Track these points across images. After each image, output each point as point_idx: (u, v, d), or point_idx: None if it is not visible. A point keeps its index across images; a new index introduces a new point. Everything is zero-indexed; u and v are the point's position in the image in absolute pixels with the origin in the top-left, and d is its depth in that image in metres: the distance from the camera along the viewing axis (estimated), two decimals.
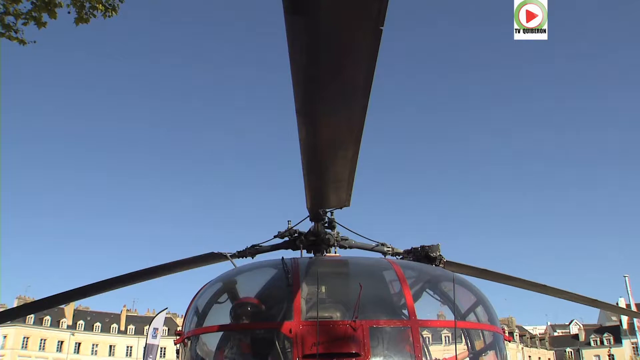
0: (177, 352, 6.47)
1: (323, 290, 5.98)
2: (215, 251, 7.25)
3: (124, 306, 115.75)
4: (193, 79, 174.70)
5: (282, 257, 6.25)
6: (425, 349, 5.89)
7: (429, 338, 6.17)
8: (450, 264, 7.24)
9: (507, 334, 6.61)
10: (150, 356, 23.59)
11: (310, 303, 5.61)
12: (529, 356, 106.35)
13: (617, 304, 19.57)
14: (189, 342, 6.19)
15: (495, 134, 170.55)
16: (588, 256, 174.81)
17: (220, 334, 6.16)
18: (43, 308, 8.64)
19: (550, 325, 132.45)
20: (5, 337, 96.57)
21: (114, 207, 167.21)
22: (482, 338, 6.43)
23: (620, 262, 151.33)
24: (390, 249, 7.41)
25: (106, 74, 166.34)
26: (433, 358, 6.12)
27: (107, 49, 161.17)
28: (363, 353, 5.18)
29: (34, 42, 9.96)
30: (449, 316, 5.97)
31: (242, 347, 5.93)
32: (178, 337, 6.44)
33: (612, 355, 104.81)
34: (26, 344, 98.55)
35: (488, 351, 6.35)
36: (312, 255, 7.08)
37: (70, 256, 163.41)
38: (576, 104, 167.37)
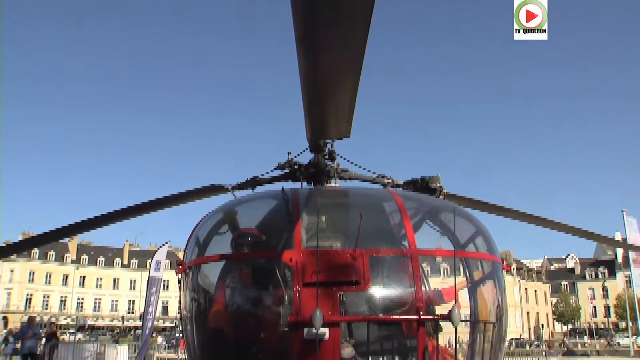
0: (179, 282, 6.57)
1: (323, 219, 6.00)
2: (216, 183, 7.26)
3: (127, 240, 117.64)
4: (194, 9, 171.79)
5: (282, 187, 6.27)
6: (425, 277, 5.98)
7: (428, 267, 6.25)
8: (450, 196, 7.26)
9: (505, 265, 6.69)
10: (154, 288, 23.99)
11: (310, 232, 5.63)
12: (526, 289, 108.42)
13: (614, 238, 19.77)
14: (190, 272, 6.27)
15: (495, 68, 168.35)
16: (586, 191, 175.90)
17: (220, 263, 6.23)
18: (47, 241, 8.73)
19: (547, 259, 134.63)
20: (12, 271, 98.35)
21: (114, 142, 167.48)
22: (481, 268, 6.50)
23: (619, 198, 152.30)
24: (390, 181, 7.41)
25: None
26: (432, 287, 6.23)
27: None
28: (363, 281, 5.24)
29: None
30: (449, 246, 6.03)
31: (243, 276, 6.00)
32: (179, 268, 6.54)
33: (606, 288, 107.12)
34: (32, 278, 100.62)
35: (487, 281, 6.44)
36: (312, 187, 7.09)
37: (73, 192, 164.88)
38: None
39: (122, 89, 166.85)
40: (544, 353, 26.64)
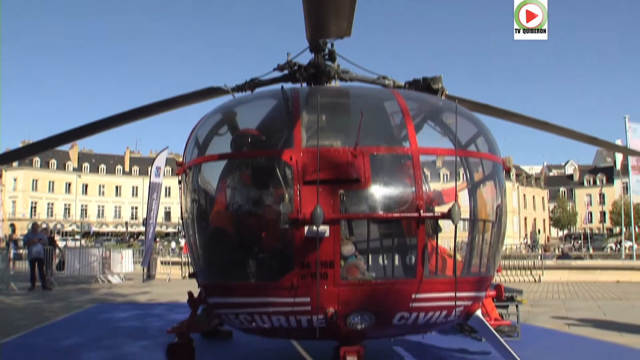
0: (179, 182, 6.61)
1: (324, 118, 5.94)
2: (215, 86, 7.16)
3: (127, 148, 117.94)
4: None
5: (282, 86, 6.18)
6: (425, 176, 6.00)
7: (429, 165, 6.26)
8: (451, 98, 7.17)
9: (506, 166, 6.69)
10: (155, 194, 24.25)
11: (310, 131, 5.59)
12: (524, 195, 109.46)
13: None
14: (190, 172, 6.28)
15: None
16: (586, 100, 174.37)
17: (220, 162, 6.24)
18: (47, 148, 8.68)
19: (546, 165, 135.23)
20: (15, 179, 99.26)
21: (114, 48, 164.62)
22: (482, 167, 6.51)
23: (619, 107, 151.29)
24: (391, 82, 7.29)
25: None
26: (433, 186, 6.27)
27: None
28: (363, 179, 5.26)
29: None
30: (450, 145, 6.01)
31: (243, 175, 6.01)
32: (179, 168, 6.56)
33: (603, 194, 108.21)
34: (36, 187, 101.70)
35: (488, 180, 6.46)
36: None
37: (72, 101, 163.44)
38: None
39: None
40: (539, 257, 27.25)
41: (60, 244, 31.26)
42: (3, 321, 12.13)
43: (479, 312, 6.13)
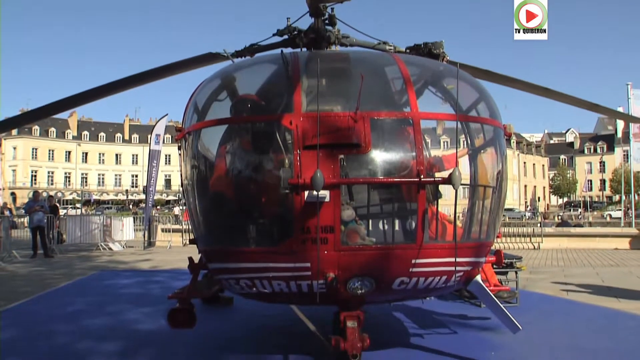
0: (179, 148, 6.58)
1: (324, 82, 5.87)
2: (214, 51, 7.08)
3: (127, 116, 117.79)
4: None
5: (282, 50, 6.10)
6: (426, 141, 5.95)
7: (430, 130, 6.21)
8: (452, 63, 7.09)
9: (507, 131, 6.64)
10: (155, 162, 24.25)
11: (310, 95, 5.52)
12: (524, 162, 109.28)
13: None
14: (190, 138, 6.23)
15: None
16: (587, 68, 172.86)
17: (220, 127, 6.16)
18: (46, 115, 8.57)
19: (547, 133, 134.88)
20: (14, 148, 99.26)
21: (112, 14, 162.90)
22: (483, 132, 6.46)
23: (620, 76, 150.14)
24: (392, 47, 7.21)
25: None
26: (434, 151, 6.23)
27: None
28: (364, 144, 5.23)
29: None
30: (451, 110, 5.96)
31: (243, 140, 5.95)
32: (179, 133, 6.52)
33: (603, 162, 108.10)
34: (36, 155, 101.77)
35: (489, 145, 6.41)
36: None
37: (69, 70, 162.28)
38: None
39: None
40: (539, 224, 27.35)
41: (61, 212, 31.28)
42: (6, 288, 12.23)
43: (478, 278, 6.15)
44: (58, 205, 29.20)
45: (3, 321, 8.30)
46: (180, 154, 6.58)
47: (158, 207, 78.03)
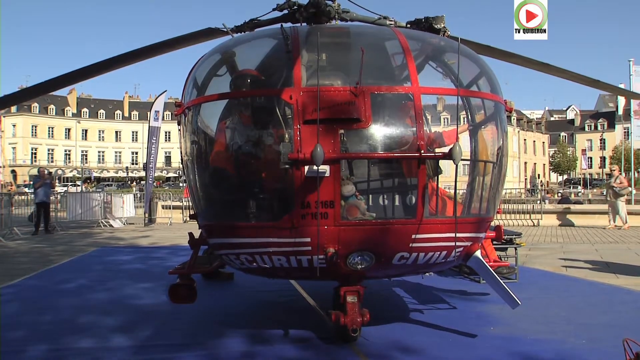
0: (179, 123, 6.56)
1: (324, 57, 5.82)
2: (214, 26, 7.02)
3: (126, 93, 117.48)
4: None
5: (282, 25, 6.04)
6: (427, 116, 5.92)
7: (430, 105, 6.18)
8: (453, 38, 7.04)
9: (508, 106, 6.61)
10: (154, 138, 24.19)
11: (310, 70, 5.48)
12: (524, 139, 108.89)
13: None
14: (189, 113, 6.20)
15: None
16: (590, 43, 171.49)
17: (220, 102, 6.15)
18: (45, 91, 8.53)
19: (548, 110, 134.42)
20: (14, 125, 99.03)
21: None
22: (484, 107, 6.43)
23: (621, 52, 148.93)
24: (393, 22, 7.15)
25: None
26: (434, 126, 6.21)
27: None
28: (364, 119, 5.20)
29: None
30: (452, 84, 5.92)
31: (242, 115, 5.94)
32: (178, 108, 6.50)
33: (604, 139, 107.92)
34: (35, 132, 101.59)
35: (490, 120, 6.38)
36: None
37: (68, 47, 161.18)
38: None
39: None
40: (538, 201, 27.41)
41: (60, 190, 31.29)
42: (9, 265, 12.30)
43: (478, 253, 6.16)
44: (54, 183, 29.18)
45: (6, 297, 8.36)
46: (179, 130, 6.56)
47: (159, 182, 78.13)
